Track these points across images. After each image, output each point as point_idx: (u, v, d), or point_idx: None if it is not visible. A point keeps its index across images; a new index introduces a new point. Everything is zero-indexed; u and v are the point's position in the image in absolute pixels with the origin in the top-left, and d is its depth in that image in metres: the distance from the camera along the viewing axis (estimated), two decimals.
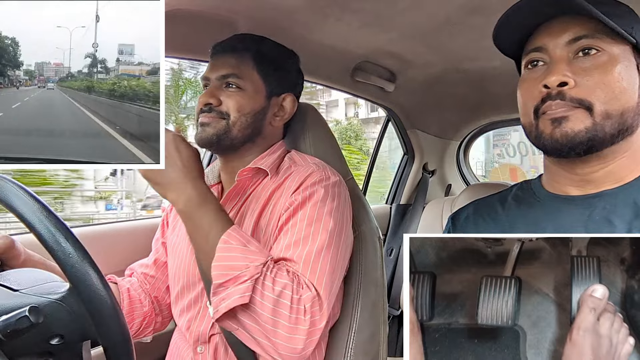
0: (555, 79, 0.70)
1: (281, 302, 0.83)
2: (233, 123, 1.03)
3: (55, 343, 0.65)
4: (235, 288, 0.82)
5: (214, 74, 1.06)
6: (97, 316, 0.65)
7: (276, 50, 1.12)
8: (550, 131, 0.72)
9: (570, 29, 0.72)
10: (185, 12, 1.14)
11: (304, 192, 0.97)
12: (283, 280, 0.85)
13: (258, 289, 0.83)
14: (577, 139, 0.70)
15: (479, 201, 0.89)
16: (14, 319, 0.60)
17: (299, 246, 0.92)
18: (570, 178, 0.77)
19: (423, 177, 2.48)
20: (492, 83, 1.90)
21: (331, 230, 0.95)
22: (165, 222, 1.23)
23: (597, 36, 0.71)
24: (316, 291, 0.88)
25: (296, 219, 0.95)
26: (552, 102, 0.71)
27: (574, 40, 0.72)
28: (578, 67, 0.71)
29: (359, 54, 1.63)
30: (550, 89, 0.71)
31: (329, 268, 0.92)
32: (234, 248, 0.85)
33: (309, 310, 0.85)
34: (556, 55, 0.73)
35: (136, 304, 1.10)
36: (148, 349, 1.21)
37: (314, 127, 1.20)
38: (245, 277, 0.83)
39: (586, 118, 0.70)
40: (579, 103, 0.70)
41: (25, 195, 0.67)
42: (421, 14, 1.32)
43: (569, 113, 0.70)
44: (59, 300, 0.67)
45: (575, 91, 0.70)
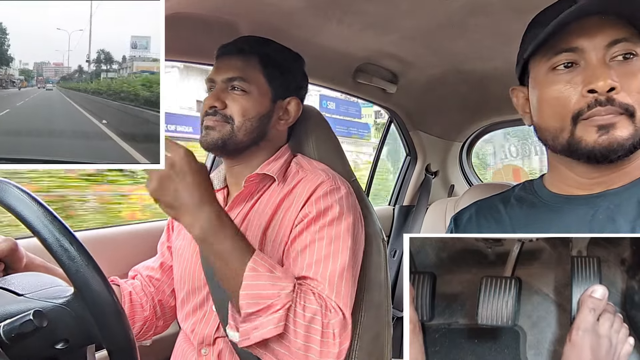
0: (603, 83, 0.67)
1: (312, 327, 0.84)
2: (238, 128, 1.03)
3: (60, 347, 0.65)
4: (268, 318, 0.82)
5: (220, 77, 1.06)
6: (101, 320, 0.65)
7: (282, 53, 1.12)
8: (595, 138, 0.69)
9: (607, 30, 0.69)
10: (187, 15, 1.14)
11: (317, 204, 0.97)
12: (313, 305, 0.85)
13: (290, 317, 0.83)
14: (624, 146, 0.68)
15: (481, 202, 0.89)
16: (18, 322, 0.60)
17: (321, 265, 0.92)
18: (579, 181, 0.76)
19: (426, 179, 2.47)
20: (494, 83, 1.89)
21: (351, 248, 0.96)
22: (171, 226, 1.22)
23: (633, 40, 0.69)
24: (342, 314, 0.88)
25: (314, 235, 0.95)
26: (601, 108, 0.68)
27: (613, 43, 0.69)
28: (619, 71, 0.69)
29: (360, 56, 1.63)
30: (597, 94, 0.68)
31: (352, 287, 0.94)
32: (262, 275, 0.83)
33: (338, 335, 0.86)
34: (596, 58, 0.70)
35: (137, 308, 1.10)
36: (152, 352, 1.21)
37: (317, 130, 1.20)
38: (277, 307, 0.82)
39: (629, 124, 0.68)
40: (625, 109, 0.68)
41: (29, 200, 0.67)
42: (422, 16, 1.32)
43: (615, 120, 0.68)
44: (64, 305, 0.67)
45: (622, 96, 0.68)
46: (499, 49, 1.46)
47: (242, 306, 0.82)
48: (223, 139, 1.02)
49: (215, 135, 1.02)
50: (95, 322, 0.65)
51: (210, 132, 1.03)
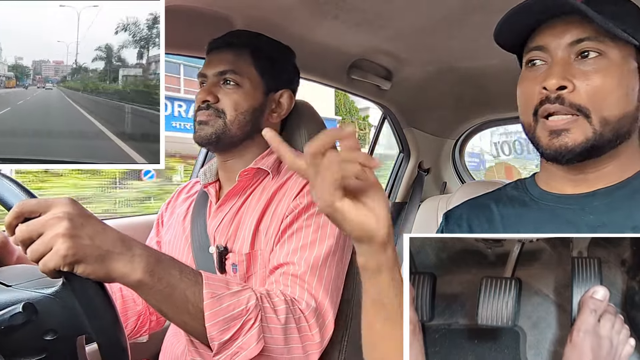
0: (554, 82, 0.69)
1: (289, 328, 0.82)
2: (231, 121, 1.02)
3: (49, 339, 0.64)
4: (247, 337, 0.77)
5: (211, 71, 1.05)
6: (90, 310, 0.64)
7: (273, 46, 1.12)
8: (547, 141, 0.71)
9: (572, 29, 0.71)
10: (181, 8, 1.13)
11: (308, 195, 0.97)
12: (281, 305, 0.83)
13: (265, 327, 0.79)
14: (577, 150, 0.69)
15: (473, 200, 0.89)
16: (7, 315, 0.59)
17: (306, 250, 0.92)
18: (566, 177, 0.76)
19: (419, 175, 2.48)
20: (489, 81, 1.90)
21: (337, 235, 0.95)
22: (160, 222, 1.22)
23: (599, 39, 0.69)
24: (316, 302, 0.87)
25: (301, 223, 0.95)
26: (550, 105, 0.70)
27: (576, 42, 0.70)
28: (578, 70, 0.70)
29: (355, 52, 1.62)
30: (549, 92, 0.70)
31: (335, 275, 0.92)
32: (223, 297, 0.75)
33: (315, 324, 0.85)
34: (557, 57, 0.71)
35: (129, 303, 1.09)
36: (142, 346, 1.21)
37: (309, 123, 1.20)
38: (251, 321, 0.77)
39: (586, 128, 0.69)
40: (577, 110, 0.69)
41: (17, 189, 0.65)
42: (418, 12, 1.32)
43: (570, 126, 0.69)
44: (52, 295, 0.65)
45: (573, 96, 0.69)
46: (494, 47, 1.44)
47: (213, 337, 0.74)
48: (217, 133, 1.02)
49: (209, 130, 1.02)
50: (84, 312, 0.64)
51: (203, 127, 1.03)
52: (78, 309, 0.64)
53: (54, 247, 0.60)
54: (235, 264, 1.00)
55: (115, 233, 0.67)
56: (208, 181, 1.12)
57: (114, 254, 0.65)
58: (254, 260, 0.99)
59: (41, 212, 0.62)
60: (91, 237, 0.63)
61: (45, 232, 0.61)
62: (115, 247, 0.65)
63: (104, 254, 0.64)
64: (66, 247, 0.60)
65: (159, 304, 0.71)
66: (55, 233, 0.61)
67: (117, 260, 0.65)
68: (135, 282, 0.67)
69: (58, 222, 0.61)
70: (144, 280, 0.67)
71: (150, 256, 0.68)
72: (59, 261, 0.60)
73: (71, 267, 0.62)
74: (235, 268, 1.00)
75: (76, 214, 0.63)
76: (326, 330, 0.88)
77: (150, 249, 0.70)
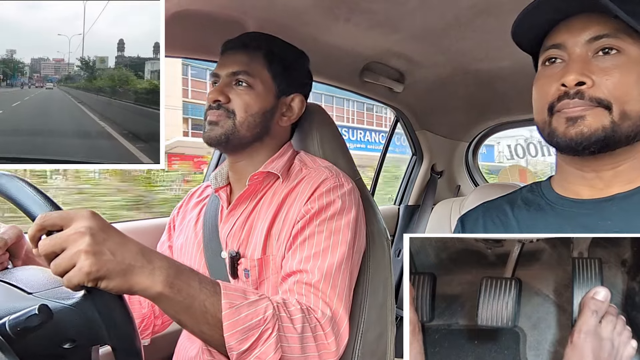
0: (573, 77, 0.69)
1: (305, 337, 0.82)
2: (240, 123, 1.02)
3: (66, 347, 0.65)
4: (264, 347, 0.77)
5: (224, 71, 1.05)
6: (110, 320, 0.64)
7: (287, 49, 1.12)
8: (563, 129, 0.70)
9: (591, 27, 0.70)
10: (195, 12, 1.15)
11: (320, 200, 0.97)
12: (298, 315, 0.83)
13: (283, 336, 0.80)
14: (593, 138, 0.69)
15: (488, 203, 0.88)
16: (23, 317, 0.60)
17: (319, 258, 0.91)
18: (581, 176, 0.76)
19: (432, 178, 2.47)
20: (502, 83, 1.88)
21: (350, 242, 0.95)
22: (172, 226, 1.22)
23: (618, 36, 0.69)
24: (331, 310, 0.87)
25: (313, 229, 0.95)
26: (569, 100, 0.70)
27: (595, 39, 0.70)
28: (597, 66, 0.70)
29: (367, 55, 1.63)
30: (567, 88, 0.70)
31: (348, 282, 0.93)
32: (241, 307, 0.75)
33: (331, 333, 0.85)
34: (575, 54, 0.71)
35: (135, 305, 1.10)
36: (155, 349, 1.22)
37: (322, 127, 1.20)
38: (269, 331, 0.77)
39: (605, 117, 0.68)
40: (597, 102, 0.69)
41: (38, 196, 0.66)
42: (430, 15, 1.31)
43: (586, 112, 0.69)
44: (73, 306, 0.66)
45: (594, 90, 0.69)
46: (507, 49, 1.44)
47: (232, 347, 0.75)
48: (226, 134, 1.02)
49: (219, 130, 1.02)
50: (104, 326, 0.64)
51: (214, 128, 1.03)
52: (97, 320, 0.64)
53: (77, 264, 0.61)
54: (247, 270, 1.00)
55: (135, 245, 0.67)
56: (219, 185, 1.12)
57: (135, 268, 0.65)
58: (266, 265, 0.99)
59: (63, 226, 0.62)
60: (113, 252, 0.64)
61: (68, 248, 0.61)
62: (137, 260, 0.66)
63: (126, 268, 0.64)
64: (89, 264, 0.61)
65: (178, 315, 0.71)
66: (78, 249, 0.61)
67: (138, 274, 0.65)
68: (155, 294, 0.67)
69: (80, 237, 0.61)
70: (164, 292, 0.67)
71: (170, 268, 0.69)
72: (83, 278, 0.61)
73: (95, 283, 0.62)
74: (248, 273, 1.00)
75: (98, 228, 0.63)
76: (341, 338, 0.88)
77: (169, 260, 0.70)
